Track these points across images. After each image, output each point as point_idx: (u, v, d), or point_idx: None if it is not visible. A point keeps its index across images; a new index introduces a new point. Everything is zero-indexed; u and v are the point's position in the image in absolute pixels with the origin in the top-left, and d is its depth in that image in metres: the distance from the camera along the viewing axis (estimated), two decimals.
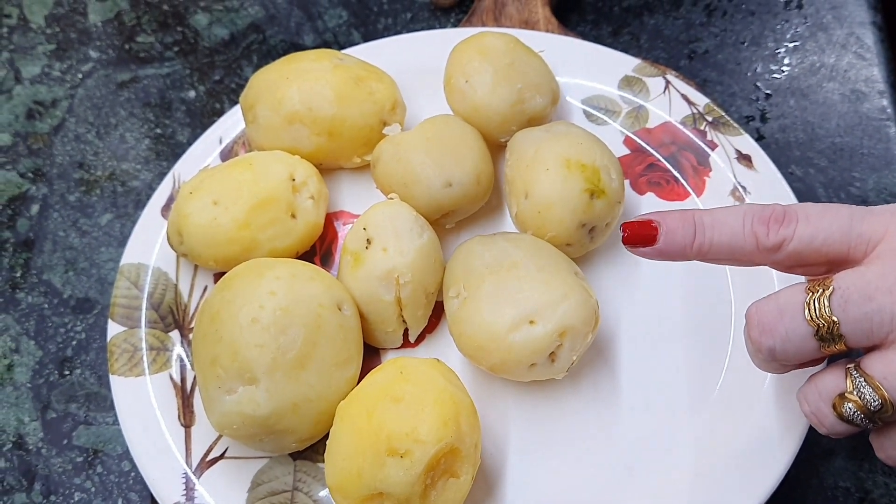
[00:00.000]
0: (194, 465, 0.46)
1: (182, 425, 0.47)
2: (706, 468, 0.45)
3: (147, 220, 0.54)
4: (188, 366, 0.49)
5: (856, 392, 0.34)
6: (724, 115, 0.55)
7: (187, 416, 0.48)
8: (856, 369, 0.35)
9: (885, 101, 0.61)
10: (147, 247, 0.53)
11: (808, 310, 0.34)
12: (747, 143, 0.54)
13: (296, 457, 0.47)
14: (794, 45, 0.65)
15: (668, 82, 0.57)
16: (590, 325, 0.45)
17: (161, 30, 0.70)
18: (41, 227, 0.60)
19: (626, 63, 0.58)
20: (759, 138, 0.61)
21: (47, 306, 0.57)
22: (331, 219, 0.55)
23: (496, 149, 0.55)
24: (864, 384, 0.34)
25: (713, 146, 0.54)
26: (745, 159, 0.53)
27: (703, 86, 0.63)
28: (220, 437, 0.47)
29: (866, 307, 0.33)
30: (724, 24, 0.66)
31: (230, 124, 0.58)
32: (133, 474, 0.50)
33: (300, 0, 0.70)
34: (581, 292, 0.45)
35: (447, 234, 0.53)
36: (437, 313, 0.51)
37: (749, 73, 0.64)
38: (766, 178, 0.52)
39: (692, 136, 0.55)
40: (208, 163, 0.57)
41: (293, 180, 0.51)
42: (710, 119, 0.55)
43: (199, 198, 0.50)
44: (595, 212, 0.48)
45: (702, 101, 0.56)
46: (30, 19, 0.72)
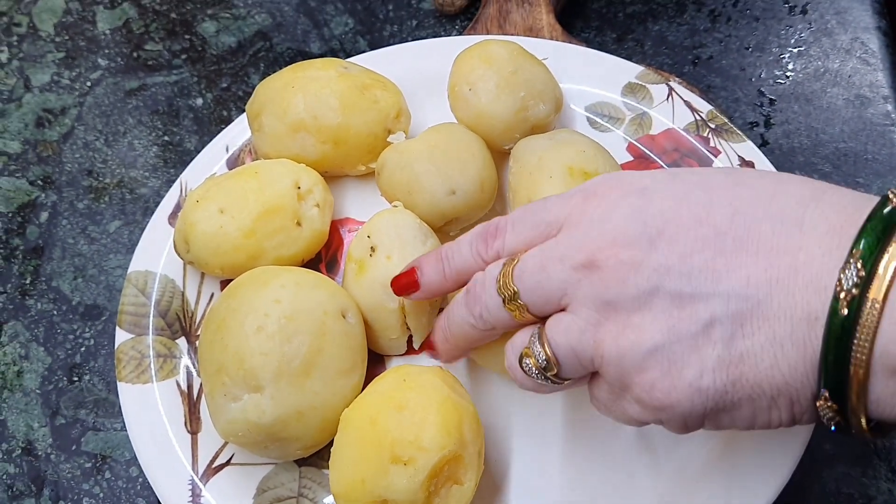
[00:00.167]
0: (200, 472, 0.47)
1: (189, 432, 0.48)
2: (709, 474, 0.45)
3: (154, 228, 0.55)
4: (195, 373, 0.50)
5: (531, 349, 0.37)
6: (727, 121, 0.55)
7: (194, 422, 0.48)
8: (538, 329, 0.37)
9: (889, 107, 0.61)
10: (154, 254, 0.54)
11: (499, 281, 0.38)
12: (750, 150, 0.54)
13: (301, 463, 0.47)
14: (798, 50, 0.65)
15: (671, 89, 0.57)
16: None
17: (169, 38, 0.70)
18: (50, 235, 0.61)
19: (630, 70, 0.58)
20: (763, 144, 0.61)
21: (56, 313, 0.58)
22: (336, 226, 0.55)
23: (500, 156, 0.55)
24: (537, 342, 0.37)
25: (716, 153, 0.54)
26: (748, 166, 0.53)
27: (708, 91, 0.63)
28: (226, 443, 0.47)
29: (539, 275, 0.36)
30: (729, 30, 0.67)
31: (237, 132, 0.59)
32: (141, 480, 0.51)
33: (307, 8, 0.71)
34: None
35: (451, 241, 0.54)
36: None
37: (753, 79, 0.64)
38: None
39: (695, 143, 0.55)
40: (215, 171, 0.57)
41: (299, 188, 0.52)
42: (713, 126, 0.55)
43: (206, 206, 0.50)
44: None
45: (705, 107, 0.56)
46: (39, 27, 0.72)
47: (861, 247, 0.31)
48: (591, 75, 0.58)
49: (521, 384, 0.39)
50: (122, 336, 0.51)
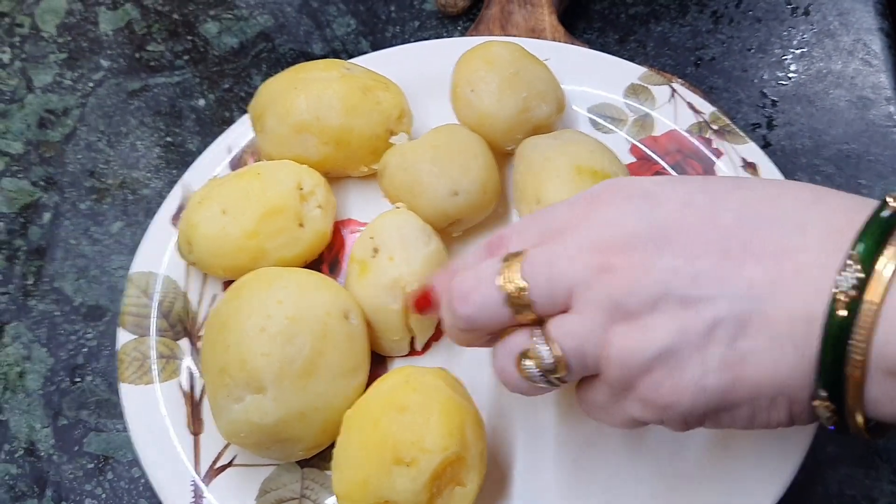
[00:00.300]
0: (203, 473, 0.47)
1: (191, 433, 0.48)
2: (711, 476, 0.45)
3: (156, 229, 0.55)
4: (197, 374, 0.50)
5: (534, 350, 0.36)
6: (729, 123, 0.55)
7: (196, 423, 0.48)
8: (538, 329, 0.37)
9: (892, 108, 0.61)
10: (157, 255, 0.54)
11: (502, 277, 0.37)
12: (753, 152, 0.54)
13: (303, 464, 0.47)
14: (800, 51, 0.65)
15: (673, 90, 0.57)
16: None
17: (171, 38, 0.71)
18: (53, 235, 0.61)
19: (632, 71, 0.58)
20: (766, 145, 0.61)
21: (59, 314, 0.58)
22: (338, 227, 0.55)
23: (502, 157, 0.55)
24: (541, 342, 0.36)
25: (719, 154, 0.54)
26: (750, 167, 0.53)
27: (710, 93, 0.63)
28: (229, 444, 0.47)
29: (549, 271, 0.36)
30: (731, 31, 0.67)
31: (239, 133, 0.59)
32: (143, 481, 0.51)
33: (309, 9, 0.71)
34: None
35: (454, 242, 0.54)
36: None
37: (756, 80, 0.64)
38: None
39: (698, 145, 0.55)
40: (217, 172, 0.57)
41: (301, 189, 0.52)
42: (715, 127, 0.55)
43: (208, 207, 0.50)
44: None
45: (707, 109, 0.56)
46: (41, 28, 0.72)
47: (859, 249, 0.31)
48: (593, 76, 0.58)
49: (513, 386, 0.38)
50: (124, 337, 0.51)
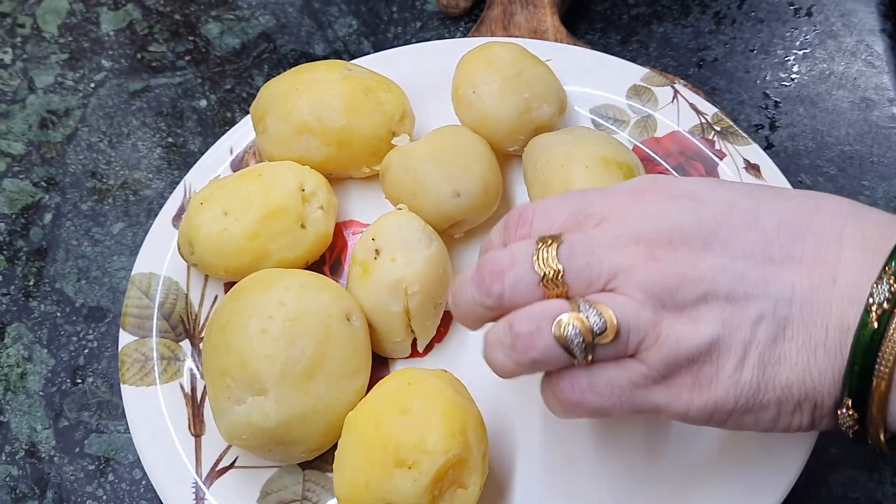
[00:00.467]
0: (204, 475, 0.47)
1: (192, 435, 0.48)
2: (714, 478, 0.45)
3: (158, 230, 0.55)
4: (198, 375, 0.50)
5: (582, 313, 0.35)
6: (732, 124, 0.55)
7: (197, 425, 0.48)
8: (583, 299, 0.36)
9: (895, 109, 0.61)
10: (158, 257, 0.54)
11: (538, 258, 0.37)
12: (756, 153, 0.54)
13: (305, 466, 0.47)
14: (803, 52, 0.65)
15: (676, 91, 0.57)
16: None
17: (173, 39, 0.70)
18: (54, 236, 0.61)
19: (634, 72, 0.58)
20: (769, 146, 0.61)
21: (60, 315, 0.57)
22: (340, 228, 0.55)
23: (504, 158, 0.55)
24: (590, 308, 0.35)
25: (721, 156, 0.54)
26: (753, 169, 0.53)
27: (712, 94, 0.63)
28: (230, 446, 0.47)
29: (589, 258, 0.36)
30: (734, 32, 0.67)
31: (241, 134, 0.59)
32: (144, 483, 0.51)
33: (310, 9, 0.71)
34: None
35: (455, 243, 0.54)
36: (445, 323, 0.51)
37: (758, 81, 0.64)
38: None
39: (700, 146, 0.55)
40: (219, 173, 0.57)
41: (303, 190, 0.52)
42: (718, 128, 0.55)
43: (210, 208, 0.50)
44: None
45: (710, 110, 0.56)
46: (43, 29, 0.72)
47: (893, 265, 0.33)
48: (595, 77, 0.58)
49: (532, 353, 0.36)
50: (125, 338, 0.51)
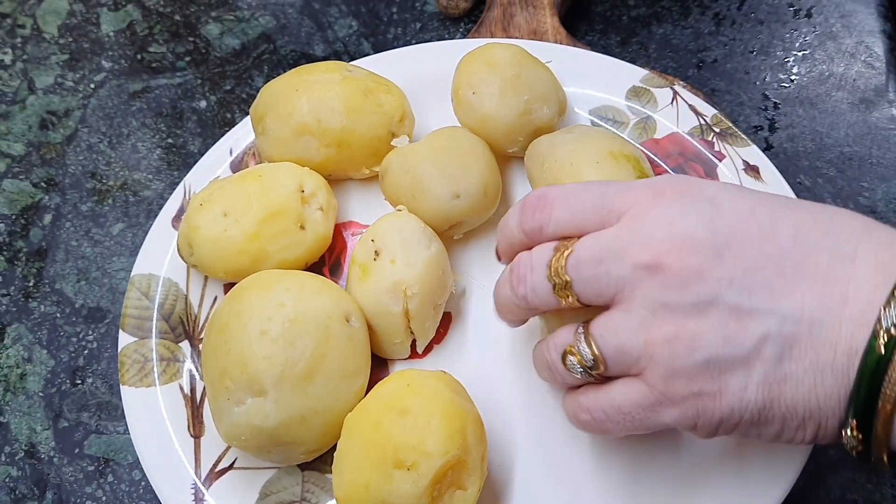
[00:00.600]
0: (203, 476, 0.47)
1: (192, 436, 0.48)
2: (713, 481, 0.45)
3: (158, 231, 0.55)
4: (198, 377, 0.50)
5: (576, 347, 0.37)
6: (731, 125, 0.55)
7: (197, 426, 0.48)
8: (582, 327, 0.37)
9: (894, 110, 0.61)
10: (158, 258, 0.54)
11: (549, 268, 0.38)
12: (755, 154, 0.54)
13: (304, 467, 0.47)
14: (802, 54, 0.65)
15: (675, 93, 0.57)
16: None
17: (173, 40, 0.70)
18: (54, 237, 0.61)
19: (634, 74, 0.58)
20: (768, 148, 0.61)
21: (59, 315, 0.57)
22: (340, 229, 0.55)
23: (504, 160, 0.55)
24: (583, 340, 0.37)
25: (721, 157, 0.54)
26: (752, 170, 0.53)
27: (712, 95, 0.63)
28: (229, 447, 0.47)
29: (596, 269, 0.36)
30: (733, 34, 0.67)
31: (240, 135, 0.59)
32: (143, 483, 0.51)
33: (310, 10, 0.71)
34: None
35: (455, 245, 0.54)
36: (444, 325, 0.51)
37: (758, 83, 0.64)
38: (774, 188, 0.52)
39: (700, 147, 0.55)
40: (218, 174, 0.57)
41: (302, 192, 0.52)
42: (717, 130, 0.55)
43: (210, 209, 0.50)
44: None
45: (709, 111, 0.56)
46: (43, 29, 0.72)
47: None
48: (595, 79, 0.58)
49: (560, 381, 0.40)
50: (125, 339, 0.51)
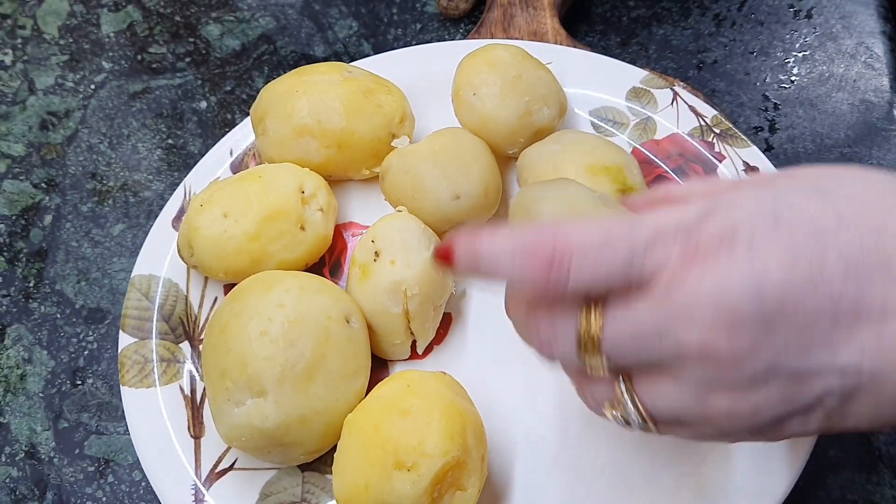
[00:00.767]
0: (203, 477, 0.47)
1: (192, 436, 0.48)
2: (713, 482, 0.45)
3: (158, 232, 0.55)
4: (198, 377, 0.50)
5: (623, 407, 0.35)
6: (731, 126, 0.55)
7: (197, 427, 0.48)
8: (624, 385, 0.35)
9: (894, 111, 0.61)
10: (158, 258, 0.54)
11: (581, 339, 0.34)
12: (755, 155, 0.54)
13: (304, 468, 0.47)
14: (803, 54, 0.65)
15: (675, 93, 0.57)
16: None
17: (173, 40, 0.70)
18: (54, 238, 0.61)
19: (634, 74, 0.58)
20: (768, 148, 0.61)
21: (60, 316, 0.57)
22: (340, 230, 0.55)
23: (504, 161, 0.55)
24: (629, 404, 0.34)
25: (721, 158, 0.54)
26: (752, 171, 0.53)
27: (712, 96, 0.63)
28: (229, 448, 0.47)
29: (634, 346, 0.33)
30: (733, 34, 0.67)
31: (241, 136, 0.59)
32: (144, 484, 0.51)
33: (311, 11, 0.71)
34: None
35: None
36: (444, 325, 0.51)
37: (758, 83, 0.64)
38: None
39: (700, 148, 0.55)
40: (219, 174, 0.57)
41: (302, 192, 0.52)
42: (717, 131, 0.55)
43: (210, 210, 0.50)
44: None
45: (709, 112, 0.56)
46: (43, 30, 0.72)
47: None
48: (595, 80, 0.58)
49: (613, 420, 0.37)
50: (125, 340, 0.51)
